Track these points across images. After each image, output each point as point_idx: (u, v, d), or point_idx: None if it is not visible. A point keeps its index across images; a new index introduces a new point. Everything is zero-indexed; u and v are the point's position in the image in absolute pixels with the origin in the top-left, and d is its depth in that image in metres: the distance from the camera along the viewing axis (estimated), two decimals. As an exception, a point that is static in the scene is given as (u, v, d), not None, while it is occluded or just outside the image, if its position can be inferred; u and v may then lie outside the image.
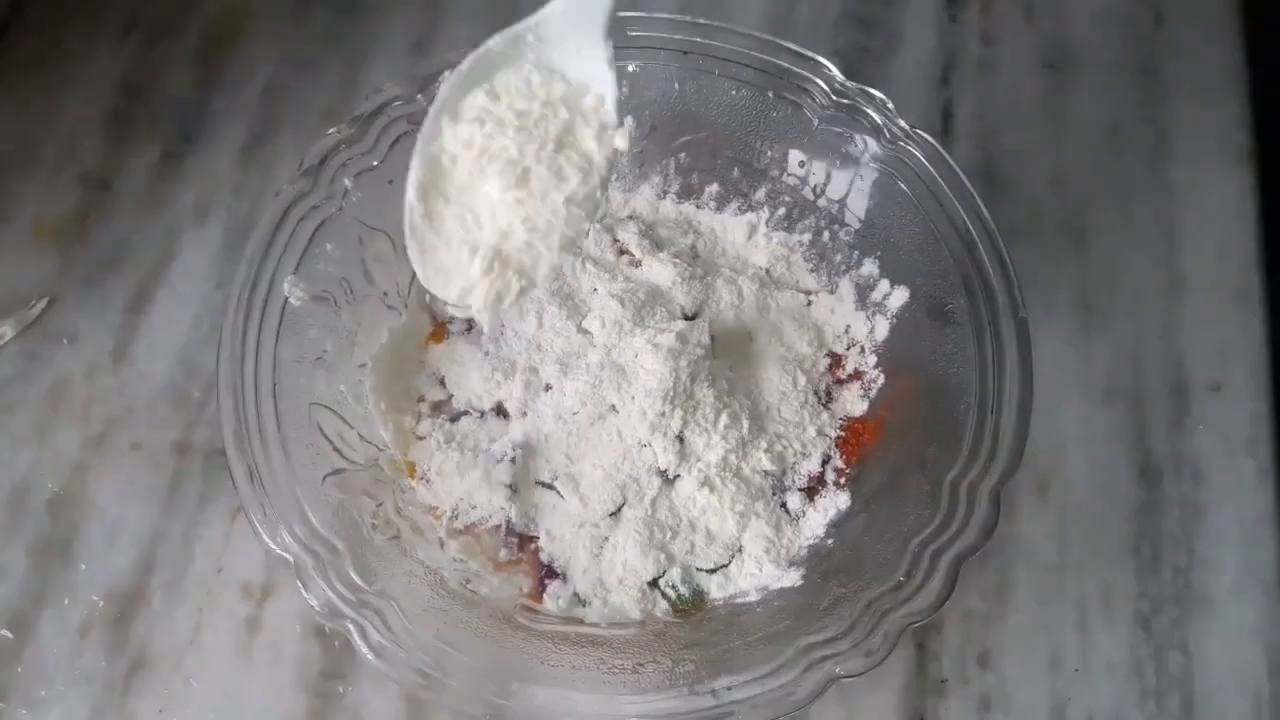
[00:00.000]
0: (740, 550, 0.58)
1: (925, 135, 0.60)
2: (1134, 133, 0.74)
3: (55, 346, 0.66)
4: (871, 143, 0.60)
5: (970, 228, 0.57)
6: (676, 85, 0.63)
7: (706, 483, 0.58)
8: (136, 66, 0.75)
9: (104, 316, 0.67)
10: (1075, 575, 0.62)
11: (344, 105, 0.74)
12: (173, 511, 0.62)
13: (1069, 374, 0.67)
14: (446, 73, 0.60)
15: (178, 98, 0.74)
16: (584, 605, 0.56)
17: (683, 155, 0.65)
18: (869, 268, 0.62)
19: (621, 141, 0.49)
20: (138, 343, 0.66)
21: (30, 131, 0.72)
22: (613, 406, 0.58)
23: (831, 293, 0.64)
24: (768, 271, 0.66)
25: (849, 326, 0.63)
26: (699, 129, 0.64)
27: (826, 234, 0.64)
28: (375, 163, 0.59)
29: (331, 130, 0.59)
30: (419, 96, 0.60)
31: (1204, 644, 0.60)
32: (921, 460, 0.55)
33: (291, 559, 0.50)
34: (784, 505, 0.59)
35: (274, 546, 0.50)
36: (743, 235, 0.66)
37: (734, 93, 0.62)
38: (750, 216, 0.66)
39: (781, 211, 0.65)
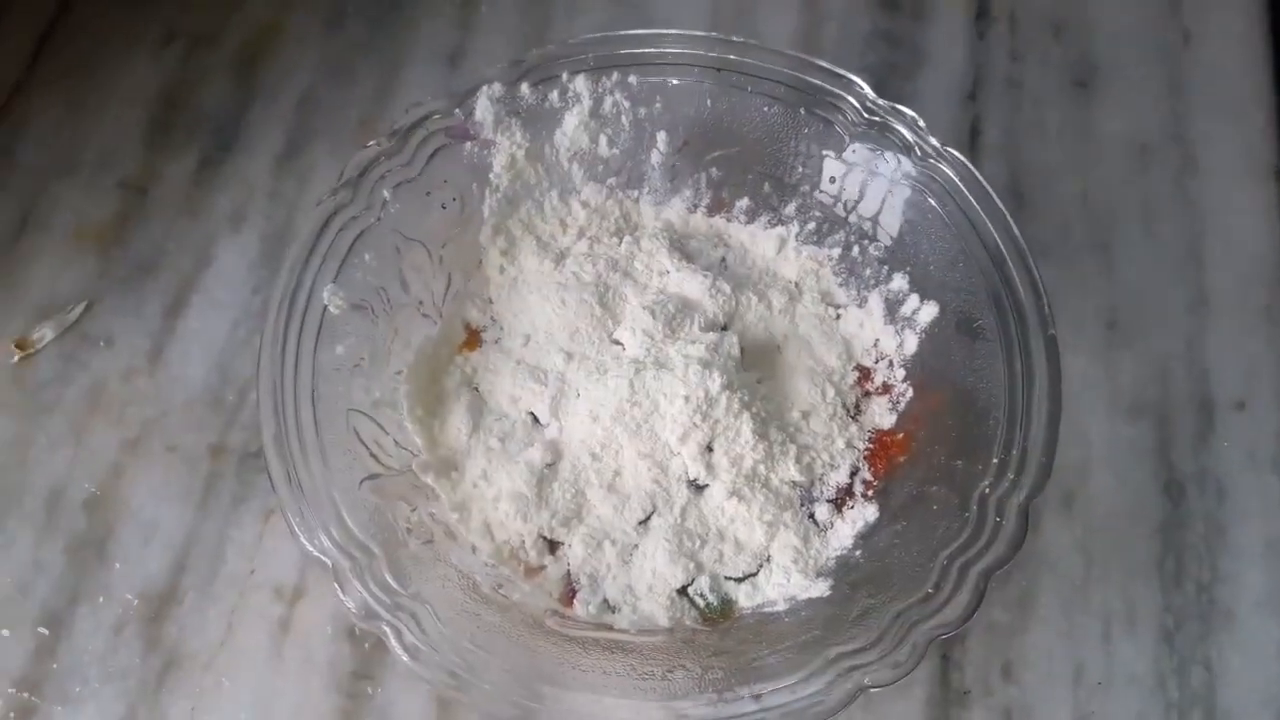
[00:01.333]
0: (768, 560, 0.58)
1: (956, 153, 0.61)
2: (1161, 150, 0.75)
3: (93, 349, 0.67)
4: (904, 160, 0.61)
5: (1000, 245, 0.58)
6: (709, 101, 0.64)
7: (735, 492, 0.58)
8: (175, 76, 0.76)
9: (141, 320, 0.68)
10: (1099, 588, 0.62)
11: (379, 115, 0.75)
12: (207, 513, 0.63)
13: (1095, 390, 0.67)
14: (484, 87, 0.62)
15: (215, 106, 0.75)
16: (614, 612, 0.57)
17: (714, 170, 0.66)
18: (898, 283, 0.63)
19: None
20: (173, 347, 0.67)
21: (71, 138, 0.73)
22: (643, 416, 0.59)
23: (860, 306, 0.65)
24: (797, 285, 0.67)
25: (878, 340, 0.64)
26: (731, 144, 0.65)
27: (856, 249, 0.65)
28: (414, 175, 0.60)
29: (371, 143, 0.60)
30: (456, 111, 0.61)
31: (1226, 659, 0.61)
32: (950, 474, 0.55)
33: (329, 562, 0.51)
34: (812, 516, 0.60)
35: (311, 549, 0.51)
36: (772, 249, 0.67)
37: (766, 109, 0.63)
38: (780, 230, 0.67)
39: (811, 226, 0.66)
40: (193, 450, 0.65)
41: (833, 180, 0.64)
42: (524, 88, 0.62)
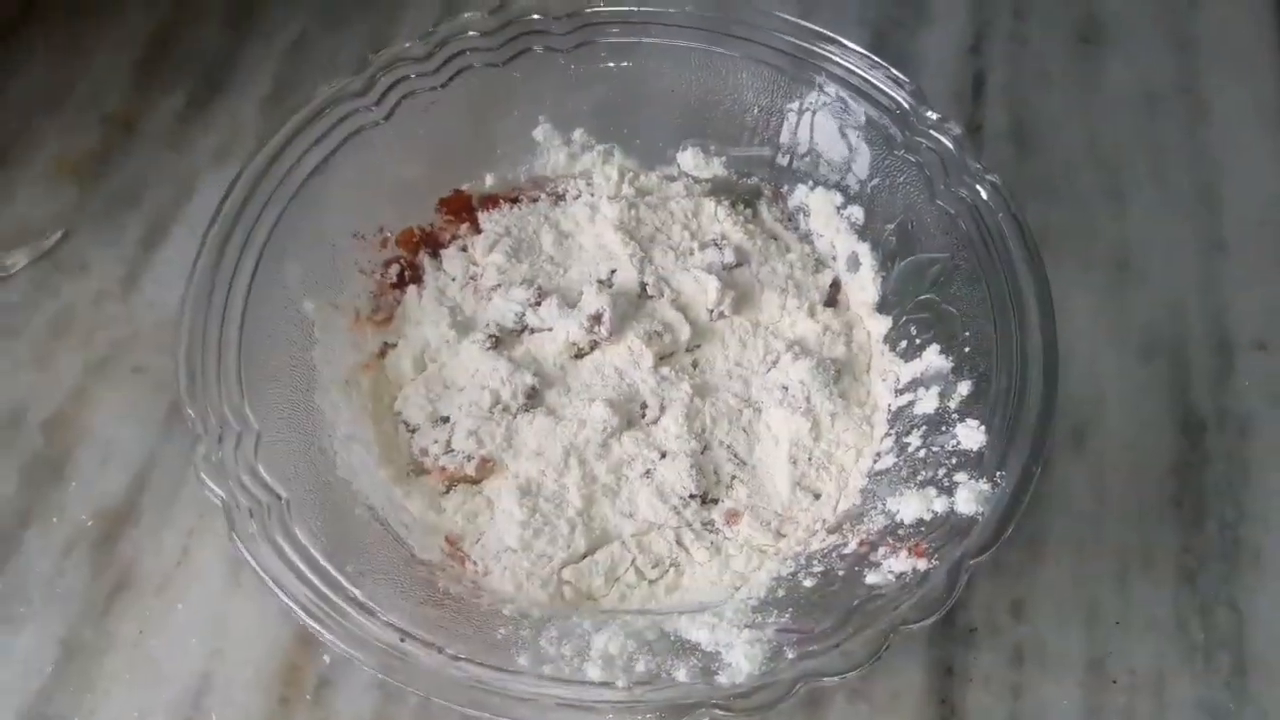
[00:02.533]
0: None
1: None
2: (1169, 101, 0.73)
3: (65, 276, 0.65)
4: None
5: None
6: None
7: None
8: (169, 17, 0.76)
9: (117, 249, 0.66)
10: (1114, 528, 0.58)
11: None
12: (170, 435, 0.60)
13: (1106, 328, 0.64)
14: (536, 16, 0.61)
15: (207, 48, 0.75)
16: None
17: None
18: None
19: None
20: (149, 275, 0.66)
21: (59, 74, 0.73)
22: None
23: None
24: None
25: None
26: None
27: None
28: (436, 85, 0.59)
29: (408, 44, 0.59)
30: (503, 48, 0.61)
31: (1254, 601, 0.56)
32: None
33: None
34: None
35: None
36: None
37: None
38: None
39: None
40: (160, 372, 0.62)
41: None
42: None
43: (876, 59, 0.59)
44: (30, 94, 0.72)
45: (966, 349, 0.53)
